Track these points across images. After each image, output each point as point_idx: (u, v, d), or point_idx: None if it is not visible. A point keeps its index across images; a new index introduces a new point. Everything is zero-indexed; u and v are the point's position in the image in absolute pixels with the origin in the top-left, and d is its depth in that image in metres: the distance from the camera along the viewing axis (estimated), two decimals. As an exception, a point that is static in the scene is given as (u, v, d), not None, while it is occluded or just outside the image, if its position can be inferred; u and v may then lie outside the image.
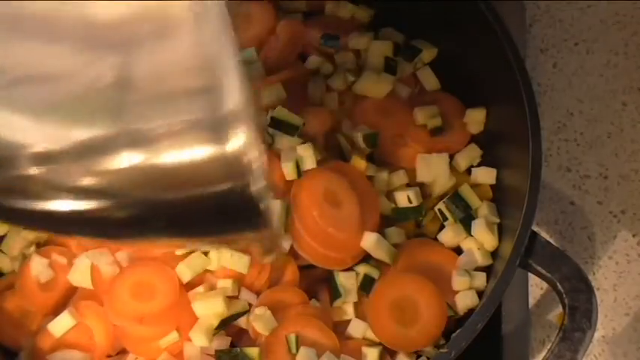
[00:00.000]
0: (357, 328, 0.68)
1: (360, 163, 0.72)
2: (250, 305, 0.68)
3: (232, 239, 0.44)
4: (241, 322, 0.68)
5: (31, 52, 0.35)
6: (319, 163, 0.72)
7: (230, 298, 0.67)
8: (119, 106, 0.35)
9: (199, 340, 0.66)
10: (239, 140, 0.34)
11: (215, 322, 0.66)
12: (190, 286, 0.68)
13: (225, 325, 0.67)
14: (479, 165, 0.76)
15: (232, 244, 0.51)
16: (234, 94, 0.34)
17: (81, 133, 0.35)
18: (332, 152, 0.74)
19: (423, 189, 0.74)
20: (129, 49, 0.34)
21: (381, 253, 0.69)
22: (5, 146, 0.36)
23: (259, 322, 0.66)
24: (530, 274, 0.68)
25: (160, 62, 0.34)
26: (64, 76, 0.35)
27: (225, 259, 0.67)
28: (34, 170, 0.36)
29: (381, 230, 0.71)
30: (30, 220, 0.41)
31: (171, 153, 0.35)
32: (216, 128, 0.34)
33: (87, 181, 0.36)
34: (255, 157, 0.35)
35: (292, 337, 0.66)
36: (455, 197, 0.72)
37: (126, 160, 0.35)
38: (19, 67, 0.35)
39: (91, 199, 0.37)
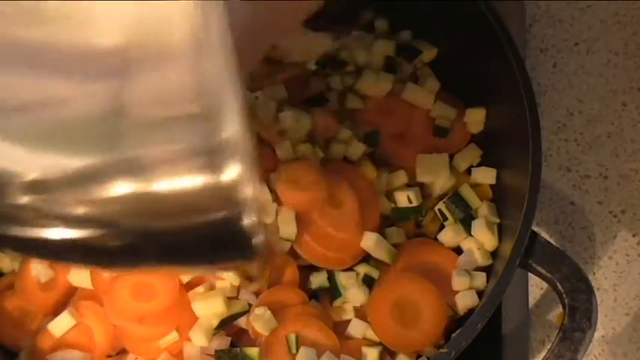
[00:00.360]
0: (357, 328, 0.68)
1: (366, 165, 0.73)
2: (250, 305, 0.68)
3: (224, 267, 0.43)
4: (241, 322, 0.68)
5: (24, 80, 0.34)
6: (320, 162, 0.72)
7: (230, 299, 0.67)
8: (114, 133, 0.34)
9: (199, 340, 0.66)
10: (234, 170, 0.34)
11: (215, 322, 0.66)
12: (190, 286, 0.68)
13: (225, 325, 0.67)
14: (479, 165, 0.76)
15: (224, 271, 0.50)
16: (232, 122, 0.33)
17: (75, 162, 0.34)
18: (332, 152, 0.74)
19: (423, 189, 0.74)
20: (126, 76, 0.34)
21: (381, 253, 0.69)
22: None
23: (259, 322, 0.66)
24: (530, 274, 0.69)
25: (157, 88, 0.34)
26: (59, 104, 0.34)
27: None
28: (26, 199, 0.35)
29: (381, 230, 0.71)
30: (22, 247, 0.40)
31: (166, 181, 0.34)
32: (211, 157, 0.34)
33: (80, 210, 0.35)
34: (250, 189, 0.34)
35: (292, 337, 0.66)
36: (455, 197, 0.72)
37: (120, 188, 0.34)
38: (12, 95, 0.34)
39: (84, 227, 0.36)
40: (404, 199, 0.72)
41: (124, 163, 0.34)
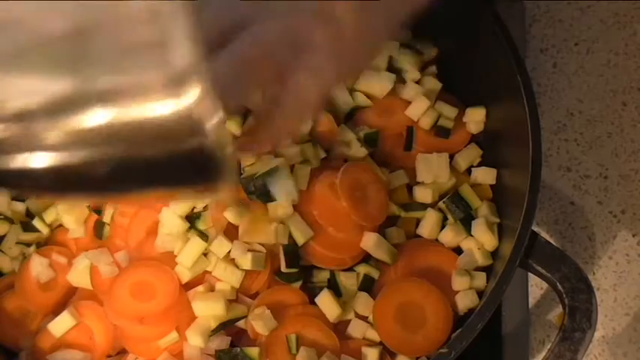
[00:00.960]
0: (357, 328, 0.68)
1: (373, 166, 0.73)
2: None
3: (203, 191, 0.45)
4: (240, 322, 0.68)
5: None
6: (322, 162, 0.72)
7: (230, 302, 0.67)
8: (79, 58, 0.36)
9: (195, 340, 0.66)
10: (194, 96, 0.35)
11: (213, 324, 0.66)
12: (190, 286, 0.68)
13: (223, 328, 0.67)
14: (479, 165, 0.76)
15: (202, 196, 0.53)
16: (186, 48, 0.35)
17: (49, 88, 0.36)
18: (334, 152, 0.74)
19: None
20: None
21: (381, 253, 0.69)
22: None
23: (259, 321, 0.65)
24: (530, 274, 0.69)
25: (113, 13, 0.35)
26: (22, 23, 0.36)
27: (218, 272, 0.67)
28: (9, 129, 0.37)
29: (381, 230, 0.71)
30: (9, 181, 0.42)
31: (135, 108, 0.36)
32: (172, 84, 0.35)
33: (61, 139, 0.37)
34: (211, 116, 0.36)
35: (292, 337, 0.66)
36: (455, 197, 0.72)
37: (94, 116, 0.36)
38: None
39: (67, 156, 0.38)
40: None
41: (95, 92, 0.36)
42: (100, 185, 0.41)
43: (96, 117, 0.36)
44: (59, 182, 0.41)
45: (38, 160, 0.39)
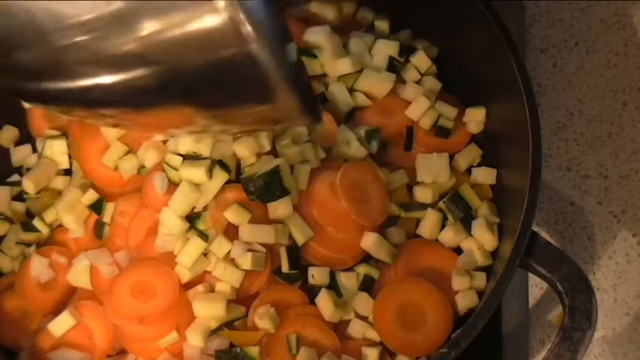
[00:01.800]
0: (357, 328, 0.68)
1: (373, 165, 0.73)
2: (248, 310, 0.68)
3: (244, 114, 0.50)
4: (238, 322, 0.68)
5: None
6: (322, 162, 0.72)
7: (229, 302, 0.67)
8: None
9: (195, 340, 0.66)
10: (225, 5, 0.40)
11: (213, 325, 0.66)
12: (190, 286, 0.68)
13: (222, 328, 0.67)
14: (479, 165, 0.76)
15: (245, 124, 0.56)
16: None
17: (106, 4, 0.42)
18: (334, 152, 0.74)
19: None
20: None
21: (381, 253, 0.69)
22: (43, 18, 0.43)
23: (265, 319, 0.65)
24: (530, 274, 0.69)
25: None
26: None
27: (218, 272, 0.67)
28: (74, 39, 0.43)
29: (381, 230, 0.71)
30: (64, 99, 0.48)
31: (178, 22, 0.42)
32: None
33: (116, 48, 0.43)
34: (248, 25, 0.41)
35: (293, 337, 0.66)
36: (455, 197, 0.72)
37: (145, 28, 0.42)
38: None
39: (120, 67, 0.44)
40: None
41: (144, 8, 0.42)
42: (150, 98, 0.46)
43: (144, 29, 0.42)
44: (111, 96, 0.46)
45: (93, 76, 0.45)
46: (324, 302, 0.67)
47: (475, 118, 0.76)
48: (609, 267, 0.80)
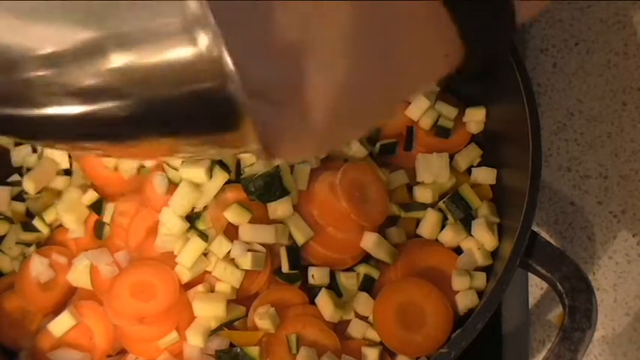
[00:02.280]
0: (357, 328, 0.68)
1: (373, 166, 0.73)
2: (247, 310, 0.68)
3: (223, 141, 0.46)
4: (238, 322, 0.68)
5: None
6: (322, 162, 0.72)
7: (229, 302, 0.67)
8: (101, 10, 0.39)
9: (195, 340, 0.66)
10: (206, 40, 0.37)
11: (213, 325, 0.66)
12: (190, 286, 0.68)
13: (222, 328, 0.67)
14: (479, 165, 0.76)
15: (226, 147, 0.53)
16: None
17: (75, 35, 0.39)
18: (334, 153, 0.74)
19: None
20: None
21: (381, 253, 0.69)
22: (8, 49, 0.40)
23: (265, 319, 0.65)
24: (530, 274, 0.68)
25: None
26: None
27: (218, 272, 0.67)
28: (37, 73, 0.40)
29: (381, 230, 0.71)
30: (28, 130, 0.45)
31: (154, 53, 0.39)
32: (185, 30, 0.37)
33: (85, 81, 0.40)
34: (227, 59, 0.38)
35: (293, 337, 0.66)
36: (455, 197, 0.72)
37: (116, 60, 0.39)
38: None
39: (90, 98, 0.41)
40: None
41: (117, 38, 0.39)
42: (120, 131, 0.43)
43: (116, 61, 0.39)
44: (81, 129, 0.43)
45: (61, 107, 0.41)
46: (324, 302, 0.67)
47: (475, 118, 0.76)
48: (609, 267, 0.80)
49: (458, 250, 0.72)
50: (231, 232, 0.68)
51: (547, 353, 0.61)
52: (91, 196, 0.72)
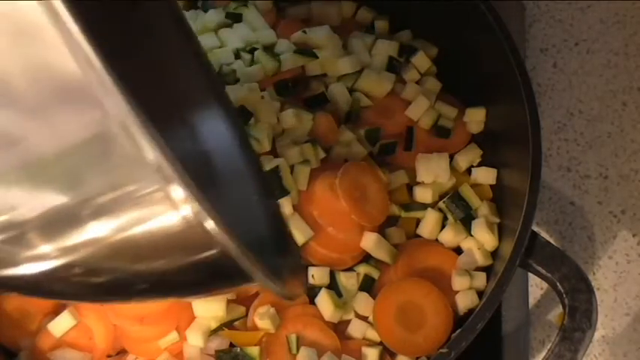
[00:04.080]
0: (357, 328, 0.68)
1: (373, 166, 0.73)
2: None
3: (223, 291, 0.43)
4: (238, 322, 0.68)
5: None
6: (322, 162, 0.72)
7: (229, 302, 0.67)
8: (72, 176, 0.33)
9: (195, 340, 0.66)
10: (185, 203, 0.32)
11: (213, 325, 0.66)
12: (190, 286, 0.68)
13: (222, 328, 0.67)
14: (479, 165, 0.76)
15: (231, 292, 0.49)
16: (155, 155, 0.31)
17: (45, 202, 0.34)
18: (334, 153, 0.74)
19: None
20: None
21: (381, 253, 0.69)
22: None
23: (265, 319, 0.65)
24: (530, 274, 0.69)
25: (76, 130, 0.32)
26: (19, 142, 0.33)
27: None
28: (6, 240, 0.35)
29: (381, 230, 0.71)
30: (5, 285, 0.40)
31: (133, 223, 0.34)
32: (162, 194, 0.32)
33: (59, 251, 0.35)
34: (210, 221, 0.33)
35: (293, 337, 0.66)
36: (455, 197, 0.72)
37: (92, 231, 0.34)
38: None
39: (67, 267, 0.36)
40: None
41: (91, 207, 0.33)
42: (106, 293, 0.39)
43: (91, 232, 0.34)
44: (64, 289, 0.38)
45: (36, 269, 0.36)
46: (324, 302, 0.67)
47: (475, 118, 0.76)
48: (609, 267, 0.80)
49: (458, 250, 0.72)
50: (231, 232, 0.68)
51: (547, 353, 0.61)
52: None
